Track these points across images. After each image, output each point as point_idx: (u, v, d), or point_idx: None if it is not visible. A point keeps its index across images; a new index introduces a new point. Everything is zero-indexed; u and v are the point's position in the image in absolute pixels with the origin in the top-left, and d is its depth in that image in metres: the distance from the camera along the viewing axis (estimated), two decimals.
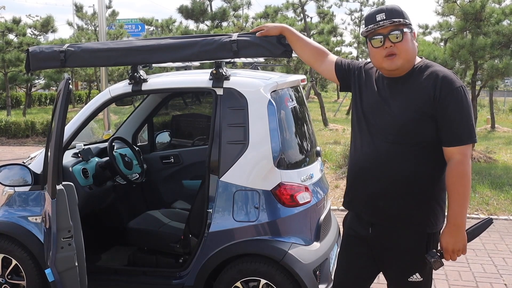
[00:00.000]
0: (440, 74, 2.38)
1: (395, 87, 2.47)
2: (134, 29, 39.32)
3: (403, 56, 2.39)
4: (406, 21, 2.40)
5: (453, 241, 2.38)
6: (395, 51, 2.38)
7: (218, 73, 3.26)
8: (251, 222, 3.19)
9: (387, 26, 2.37)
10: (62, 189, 3.01)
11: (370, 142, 2.49)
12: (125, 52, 3.23)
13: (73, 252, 3.04)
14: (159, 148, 5.09)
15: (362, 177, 2.54)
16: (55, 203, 2.95)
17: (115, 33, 19.67)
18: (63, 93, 2.98)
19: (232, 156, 3.20)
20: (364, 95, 2.60)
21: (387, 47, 2.39)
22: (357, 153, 2.58)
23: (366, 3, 22.66)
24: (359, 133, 2.58)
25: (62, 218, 2.98)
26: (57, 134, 2.97)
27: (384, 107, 2.47)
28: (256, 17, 16.28)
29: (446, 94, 2.33)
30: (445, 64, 8.71)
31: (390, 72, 2.47)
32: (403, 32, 2.38)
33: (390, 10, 2.42)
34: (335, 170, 8.62)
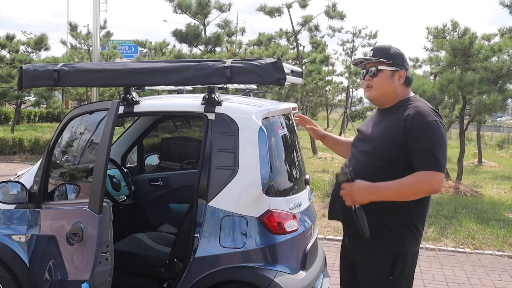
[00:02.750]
0: (416, 109, 2.66)
1: (380, 117, 2.86)
2: (127, 50, 39.54)
3: (377, 89, 2.79)
4: (388, 61, 2.75)
5: (360, 190, 2.58)
6: (372, 84, 2.80)
7: (210, 98, 3.27)
8: (238, 249, 3.17)
9: (370, 62, 2.80)
10: (106, 205, 3.11)
11: (351, 162, 2.87)
12: (119, 74, 3.25)
13: (109, 266, 3.15)
14: (148, 170, 5.07)
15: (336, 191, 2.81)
16: (101, 219, 3.02)
17: (108, 54, 19.74)
18: (114, 115, 3.05)
19: (221, 181, 3.19)
20: (362, 127, 3.02)
21: (367, 79, 2.83)
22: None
23: (358, 35, 23.01)
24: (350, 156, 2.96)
25: (104, 233, 3.09)
26: (106, 153, 3.05)
27: (366, 133, 2.87)
28: (249, 43, 16.45)
29: (416, 126, 2.59)
30: (433, 97, 8.84)
31: (372, 102, 2.93)
32: (378, 69, 2.77)
33: (377, 49, 2.83)
34: (323, 198, 8.63)
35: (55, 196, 3.51)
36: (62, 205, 3.44)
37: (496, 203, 9.27)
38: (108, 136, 3.04)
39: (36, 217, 3.51)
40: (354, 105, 32.51)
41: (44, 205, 3.49)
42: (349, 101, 26.94)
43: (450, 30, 9.80)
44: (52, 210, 3.45)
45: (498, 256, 6.21)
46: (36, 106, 21.49)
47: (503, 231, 7.08)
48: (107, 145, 3.04)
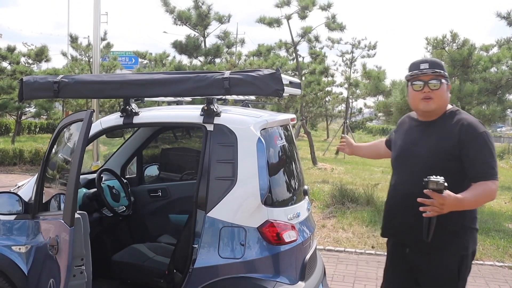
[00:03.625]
0: (467, 121, 2.82)
1: (426, 130, 2.94)
2: (127, 61, 39.71)
3: (437, 102, 2.86)
4: (445, 74, 2.88)
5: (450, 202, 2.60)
6: (431, 95, 2.85)
7: (209, 109, 3.29)
8: (237, 259, 3.17)
9: (428, 74, 2.86)
10: (79, 217, 3.04)
11: (405, 178, 2.96)
12: (119, 85, 3.27)
13: (84, 280, 3.06)
14: (147, 181, 5.08)
15: (399, 209, 2.98)
16: (72, 231, 2.97)
17: (108, 65, 19.81)
18: (86, 126, 3.01)
19: (220, 192, 3.20)
20: (399, 139, 3.12)
21: (425, 91, 2.86)
22: (393, 188, 3.06)
23: (357, 46, 23.12)
24: (396, 171, 3.08)
25: (77, 246, 3.02)
26: (78, 163, 3.00)
27: (415, 148, 2.94)
28: (249, 54, 16.52)
29: (471, 138, 2.76)
30: None
31: (424, 113, 2.95)
32: (441, 82, 2.86)
33: (432, 62, 2.91)
34: (322, 209, 8.62)
35: (50, 206, 3.52)
36: (52, 216, 3.44)
37: (496, 213, 9.25)
38: (80, 147, 3.01)
39: (34, 228, 3.52)
40: (354, 115, 32.57)
41: (40, 215, 3.50)
42: (348, 111, 26.99)
43: (450, 41, 9.86)
44: (45, 221, 3.46)
45: (498, 267, 6.19)
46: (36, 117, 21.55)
47: (503, 241, 7.06)
48: (79, 156, 3.01)
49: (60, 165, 3.65)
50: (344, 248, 6.64)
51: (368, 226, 7.64)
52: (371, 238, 7.04)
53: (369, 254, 6.44)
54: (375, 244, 6.82)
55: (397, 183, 3.02)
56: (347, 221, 7.83)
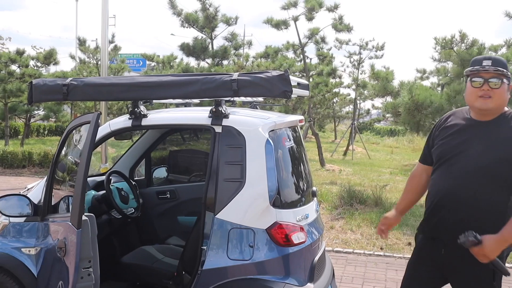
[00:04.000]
0: None
1: (481, 130, 2.82)
2: (135, 64, 39.86)
3: (496, 101, 2.74)
4: (508, 74, 2.75)
5: (493, 248, 2.63)
6: (490, 94, 2.73)
7: (217, 111, 3.29)
8: (245, 261, 3.17)
9: (490, 71, 2.73)
10: (87, 219, 3.06)
11: (455, 178, 2.81)
12: (127, 88, 3.29)
13: (91, 283, 3.07)
14: (156, 183, 5.10)
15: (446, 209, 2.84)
16: (80, 233, 2.98)
17: (116, 67, 19.90)
18: (93, 128, 3.02)
19: (229, 193, 3.20)
20: (447, 136, 2.94)
21: (484, 89, 2.73)
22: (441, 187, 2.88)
23: (365, 47, 23.00)
24: (443, 169, 2.90)
25: (85, 248, 3.03)
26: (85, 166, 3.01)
27: (467, 147, 2.80)
28: (256, 56, 16.53)
29: None
30: (441, 108, 8.82)
31: (480, 112, 2.82)
32: (502, 81, 2.74)
33: (496, 60, 2.78)
34: (330, 210, 8.60)
35: (59, 208, 3.54)
36: (60, 219, 3.46)
37: None
38: (87, 149, 3.02)
39: (43, 230, 3.54)
40: (361, 116, 32.49)
41: (50, 217, 3.52)
42: (356, 113, 26.93)
43: (458, 41, 9.81)
44: (54, 224, 3.48)
45: None
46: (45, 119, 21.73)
47: None
48: (86, 158, 3.02)
49: (69, 167, 3.67)
50: (352, 250, 6.62)
51: (377, 227, 7.60)
52: (380, 240, 7.01)
53: (378, 256, 6.42)
54: (384, 245, 6.80)
55: (446, 183, 2.86)
56: (356, 223, 7.81)
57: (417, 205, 9.25)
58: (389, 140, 33.21)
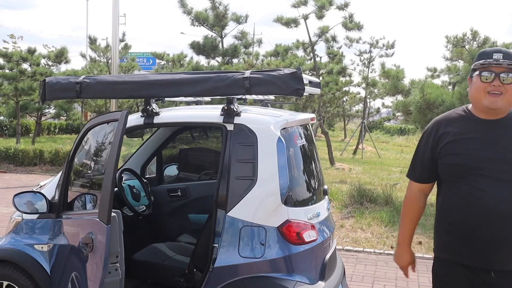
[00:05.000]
0: None
1: (494, 130, 2.51)
2: (145, 62, 40.02)
3: (507, 98, 2.45)
4: None
5: None
6: (502, 90, 2.44)
7: (229, 109, 3.30)
8: (257, 259, 3.17)
9: (503, 66, 2.43)
10: (115, 215, 3.12)
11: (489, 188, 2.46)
12: (140, 86, 3.30)
13: (118, 277, 3.14)
14: (167, 181, 5.11)
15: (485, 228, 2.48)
16: (109, 229, 3.02)
17: (126, 66, 19.99)
18: (122, 126, 3.07)
19: (240, 191, 3.21)
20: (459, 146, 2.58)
21: (495, 85, 2.44)
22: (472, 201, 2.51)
23: (375, 45, 22.91)
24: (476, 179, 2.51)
25: (113, 244, 3.10)
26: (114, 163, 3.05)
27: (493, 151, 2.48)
28: (266, 55, 16.53)
29: None
30: (452, 107, 8.76)
31: (487, 110, 2.51)
32: None
33: (507, 53, 2.48)
34: (341, 209, 8.59)
35: (74, 206, 3.57)
36: (79, 215, 3.49)
37: None
38: (117, 147, 3.06)
39: (57, 227, 3.57)
40: (371, 115, 32.35)
41: (64, 215, 3.54)
42: (366, 111, 26.83)
43: (470, 39, 9.74)
44: (70, 220, 3.51)
45: None
46: (56, 118, 21.85)
47: None
48: (116, 155, 3.05)
49: (87, 165, 3.70)
50: (363, 248, 6.61)
51: (387, 226, 7.59)
52: (390, 238, 7.00)
53: (388, 255, 6.40)
54: (394, 244, 6.77)
55: (483, 199, 2.47)
56: (366, 221, 7.79)
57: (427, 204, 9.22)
58: (399, 139, 33.08)
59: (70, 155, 3.60)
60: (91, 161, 3.65)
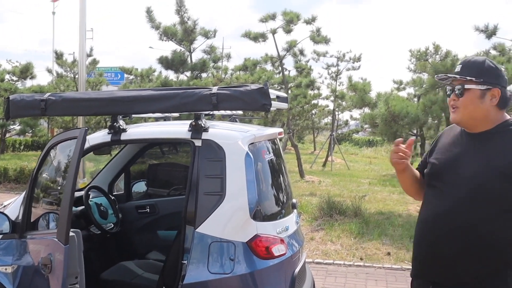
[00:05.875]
0: None
1: (474, 144, 2.41)
2: (113, 77, 39.65)
3: (462, 112, 2.38)
4: (478, 79, 2.34)
5: None
6: (458, 104, 2.39)
7: (197, 125, 3.31)
8: (226, 274, 3.16)
9: (457, 79, 2.39)
10: (74, 235, 3.05)
11: (446, 204, 2.39)
12: (106, 102, 3.28)
13: None
14: (135, 197, 5.06)
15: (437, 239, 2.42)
16: (68, 249, 2.95)
17: (94, 81, 19.77)
18: (81, 143, 3.01)
19: (209, 207, 3.20)
20: (439, 151, 2.57)
21: (450, 99, 2.43)
22: (428, 215, 2.48)
23: (342, 58, 23.27)
24: (433, 192, 2.50)
25: (72, 264, 3.02)
26: (72, 181, 3.00)
27: (458, 165, 2.40)
28: (235, 69, 16.61)
29: None
30: (417, 119, 8.97)
31: (458, 125, 2.49)
32: (464, 88, 2.36)
33: (467, 64, 2.40)
34: (310, 222, 8.63)
35: (39, 225, 3.50)
36: (42, 235, 3.41)
37: None
38: (75, 165, 3.02)
39: (21, 248, 3.49)
40: (340, 127, 32.72)
41: (29, 235, 3.47)
42: (335, 124, 27.14)
43: (432, 52, 10.01)
44: (34, 240, 3.43)
45: None
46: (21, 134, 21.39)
47: None
48: (73, 174, 3.01)
49: (50, 183, 3.63)
50: (333, 261, 6.65)
51: (356, 237, 7.66)
52: (360, 250, 7.06)
53: (357, 266, 6.45)
54: (364, 255, 6.84)
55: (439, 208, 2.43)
56: (335, 233, 7.85)
57: (395, 215, 9.37)
58: (368, 150, 33.49)
59: (33, 173, 3.54)
60: (55, 179, 3.59)
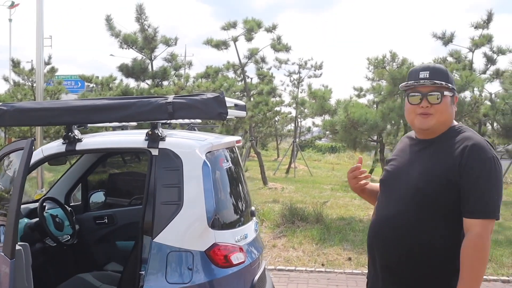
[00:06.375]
0: (473, 141, 2.30)
1: (424, 150, 2.45)
2: (73, 85, 38.93)
3: (437, 118, 2.38)
4: (449, 85, 2.38)
5: None
6: (431, 111, 2.37)
7: (153, 134, 3.29)
8: (185, 284, 3.14)
9: (427, 85, 2.37)
10: (21, 249, 2.96)
11: (392, 206, 2.43)
12: (60, 112, 3.23)
13: None
14: (94, 207, 4.98)
15: (380, 244, 2.48)
16: (13, 263, 2.86)
17: (53, 90, 19.32)
18: (27, 154, 2.93)
19: (166, 216, 3.19)
20: (393, 159, 2.61)
21: (423, 106, 2.38)
22: (378, 217, 2.52)
23: (304, 66, 23.53)
24: (383, 196, 2.54)
25: (18, 279, 2.92)
26: (18, 193, 2.91)
27: (407, 170, 2.44)
28: (197, 76, 16.53)
29: (475, 164, 2.24)
30: (376, 125, 9.14)
31: (421, 131, 2.47)
32: (443, 95, 2.38)
33: (435, 70, 2.41)
34: (273, 229, 8.66)
35: None
36: None
37: None
38: (21, 177, 2.95)
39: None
40: (303, 134, 32.98)
41: None
42: (298, 130, 27.36)
43: (389, 60, 10.24)
44: None
45: None
46: None
47: None
48: (19, 186, 2.95)
49: (1, 195, 3.54)
50: (294, 267, 6.68)
51: (318, 243, 7.73)
52: (321, 256, 7.13)
53: (319, 272, 6.51)
54: (325, 261, 6.91)
55: (383, 212, 2.48)
56: (297, 240, 7.90)
57: (356, 220, 9.51)
58: (330, 156, 33.92)
59: None
60: (3, 192, 3.50)
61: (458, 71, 10.24)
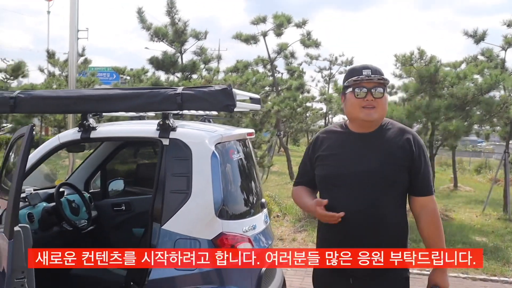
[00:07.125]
0: (411, 133, 2.72)
1: (369, 142, 2.69)
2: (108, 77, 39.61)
3: (380, 111, 2.65)
4: (387, 82, 2.68)
5: (447, 278, 2.70)
6: (374, 104, 2.62)
7: (164, 124, 3.37)
8: (191, 271, 3.22)
9: (373, 80, 2.63)
10: (19, 230, 3.04)
11: (355, 198, 2.64)
12: (73, 101, 3.35)
13: None
14: (113, 195, 5.11)
15: (344, 230, 2.68)
16: (12, 244, 2.96)
17: (86, 80, 19.76)
18: (26, 139, 3.03)
19: (175, 204, 3.27)
20: (330, 156, 2.77)
21: (368, 99, 2.62)
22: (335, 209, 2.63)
23: (335, 62, 23.42)
24: (338, 191, 2.69)
25: (17, 259, 3.01)
26: (18, 177, 3.00)
27: (361, 163, 2.66)
28: (226, 70, 16.62)
29: (420, 151, 2.67)
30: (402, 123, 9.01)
31: (364, 124, 2.69)
32: (385, 90, 2.67)
33: (375, 69, 2.68)
34: (294, 223, 8.69)
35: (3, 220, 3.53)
36: None
37: (465, 226, 9.42)
38: (21, 162, 3.03)
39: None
40: None
41: None
42: None
43: (417, 58, 10.09)
44: None
45: (463, 279, 6.32)
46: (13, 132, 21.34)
47: None
48: (20, 170, 3.03)
49: (8, 180, 3.68)
50: None
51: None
52: None
53: None
54: None
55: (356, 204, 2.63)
56: None
57: None
58: None
59: None
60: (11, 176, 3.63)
61: (489, 70, 10.01)
